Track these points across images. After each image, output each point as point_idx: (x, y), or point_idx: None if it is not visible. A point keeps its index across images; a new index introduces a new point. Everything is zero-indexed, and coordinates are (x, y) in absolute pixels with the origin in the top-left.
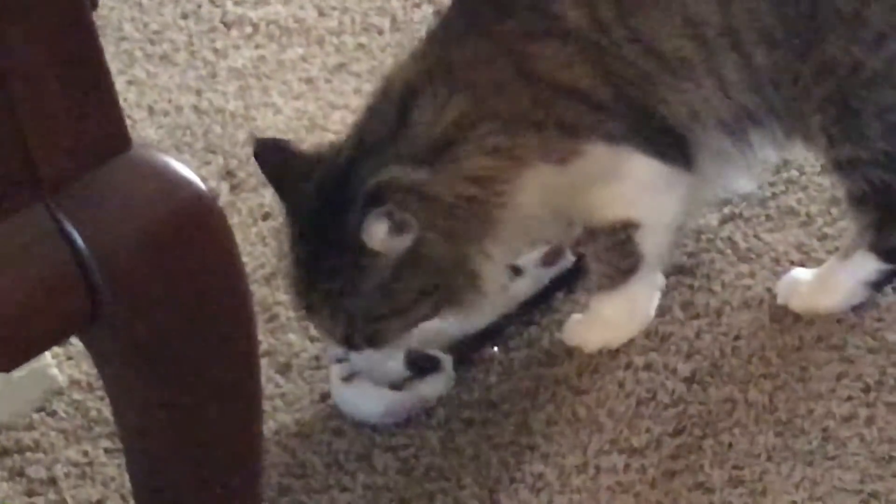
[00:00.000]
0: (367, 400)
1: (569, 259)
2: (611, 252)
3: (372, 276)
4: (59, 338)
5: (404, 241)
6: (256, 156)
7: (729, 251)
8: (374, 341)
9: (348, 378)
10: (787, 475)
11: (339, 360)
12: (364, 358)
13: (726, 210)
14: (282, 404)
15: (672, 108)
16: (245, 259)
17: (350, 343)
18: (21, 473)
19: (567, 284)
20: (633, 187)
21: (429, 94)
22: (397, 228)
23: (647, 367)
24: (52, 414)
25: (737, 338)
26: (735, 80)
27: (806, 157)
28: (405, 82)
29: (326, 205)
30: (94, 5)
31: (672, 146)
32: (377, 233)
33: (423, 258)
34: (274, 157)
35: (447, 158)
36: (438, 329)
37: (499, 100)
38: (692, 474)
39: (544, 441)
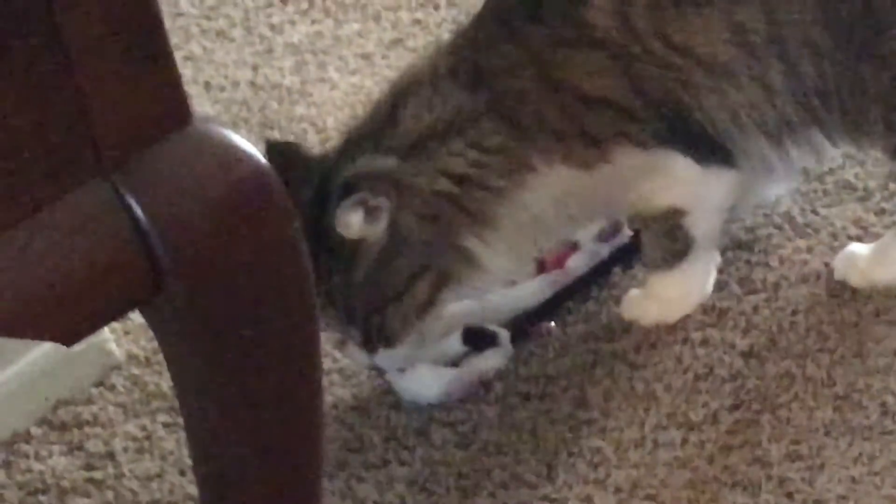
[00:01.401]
0: (425, 384)
1: (626, 234)
2: (662, 237)
3: (360, 266)
4: (120, 311)
5: (381, 225)
6: (269, 160)
7: (787, 226)
8: (385, 339)
9: (402, 368)
10: (845, 450)
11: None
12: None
13: None
14: (339, 379)
15: (711, 114)
16: None
17: (368, 345)
18: (80, 447)
19: (625, 259)
20: (674, 182)
21: (425, 92)
22: (372, 214)
23: (705, 342)
24: (111, 388)
25: (794, 313)
26: (780, 88)
27: None
28: (412, 80)
29: (315, 205)
30: None
31: (711, 150)
32: (352, 222)
33: (405, 241)
34: (286, 161)
35: (425, 154)
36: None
37: (520, 105)
38: (750, 449)
39: (602, 416)
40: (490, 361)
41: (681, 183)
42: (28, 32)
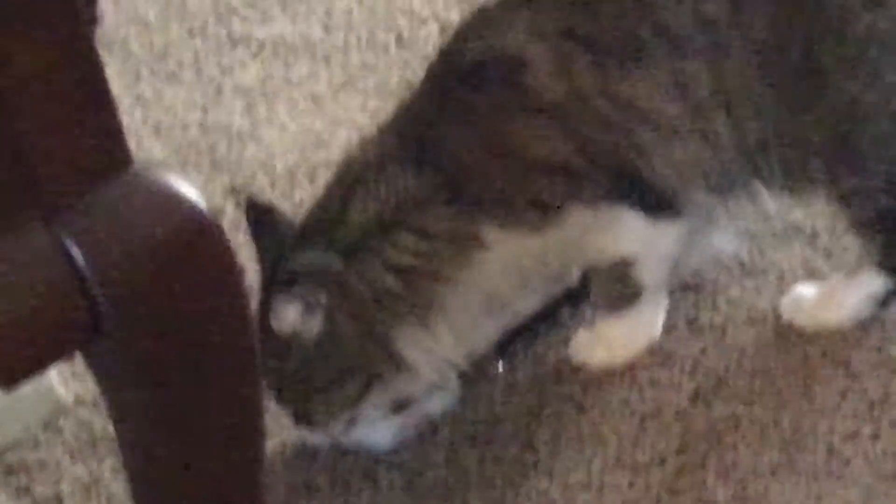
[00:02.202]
0: (373, 435)
1: (574, 275)
2: (612, 283)
3: (292, 355)
4: (60, 354)
5: (316, 321)
6: (246, 215)
7: (734, 268)
8: (310, 423)
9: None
10: (792, 492)
11: None
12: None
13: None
14: (286, 422)
15: (657, 170)
16: (253, 275)
17: (297, 423)
18: (27, 491)
19: (573, 301)
20: (624, 235)
21: (372, 179)
22: (309, 310)
23: (652, 383)
24: (59, 431)
25: (741, 354)
26: (724, 142)
27: None
28: (361, 164)
29: (266, 285)
30: (98, 22)
31: (657, 204)
32: (285, 315)
33: (338, 339)
34: (260, 224)
35: (370, 252)
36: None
37: (467, 179)
38: (697, 491)
39: (549, 458)
40: (437, 404)
41: (630, 235)
42: None
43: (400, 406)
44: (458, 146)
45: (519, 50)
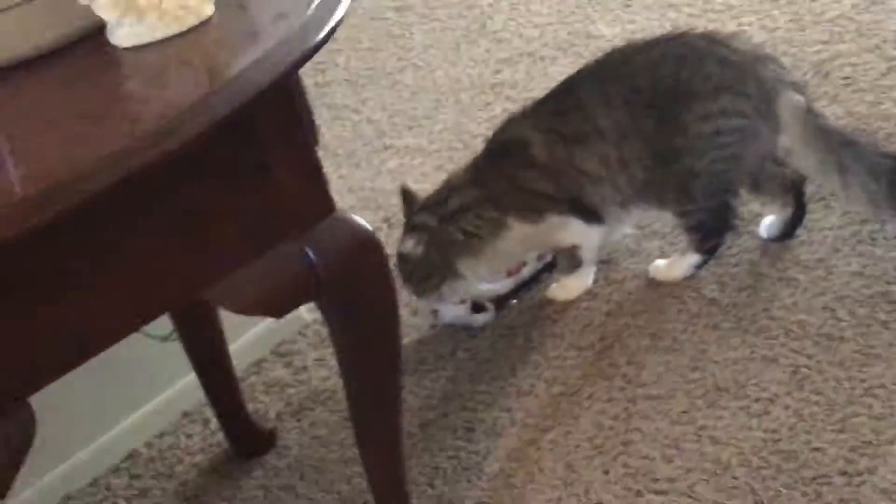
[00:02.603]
0: (448, 315)
1: (549, 256)
2: (567, 258)
3: (412, 263)
4: (304, 300)
5: (420, 249)
6: (402, 196)
7: (626, 250)
8: (423, 294)
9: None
10: (664, 367)
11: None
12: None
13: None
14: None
15: (592, 198)
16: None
17: (416, 293)
18: (304, 369)
19: (550, 269)
20: (574, 232)
21: (460, 190)
22: (417, 242)
23: (588, 308)
24: (305, 335)
25: (632, 294)
26: (623, 184)
27: None
28: (456, 180)
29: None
30: (317, 142)
31: (592, 215)
32: (406, 244)
33: (429, 258)
34: (408, 199)
35: (454, 220)
36: (468, 291)
37: (501, 196)
38: (608, 365)
39: (538, 345)
40: (482, 319)
41: (577, 232)
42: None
43: (461, 300)
44: (497, 181)
45: (526, 137)
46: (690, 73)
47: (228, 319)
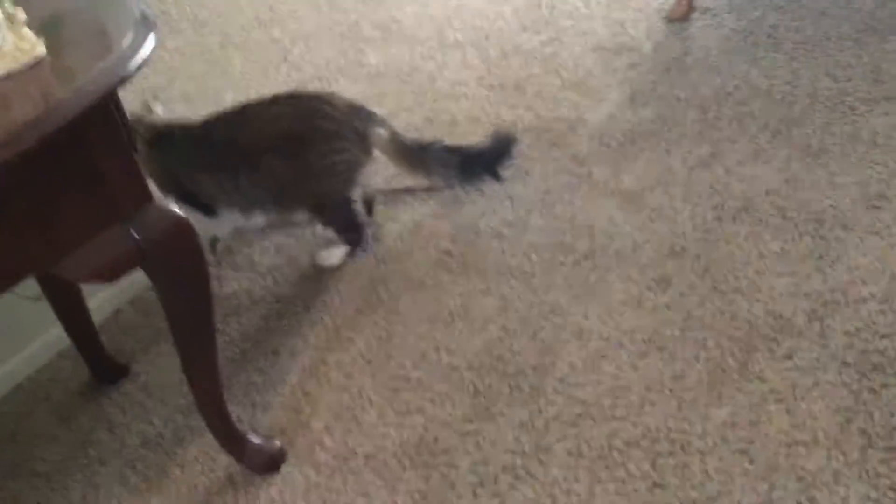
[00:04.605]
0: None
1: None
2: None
3: None
4: (131, 268)
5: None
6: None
7: (387, 218)
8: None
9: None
10: None
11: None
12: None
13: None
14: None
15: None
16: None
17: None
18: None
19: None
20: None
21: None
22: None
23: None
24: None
25: (389, 249)
26: (239, 201)
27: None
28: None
29: None
30: (134, 147)
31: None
32: None
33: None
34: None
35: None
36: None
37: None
38: (382, 293)
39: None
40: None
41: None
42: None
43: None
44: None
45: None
46: (306, 125)
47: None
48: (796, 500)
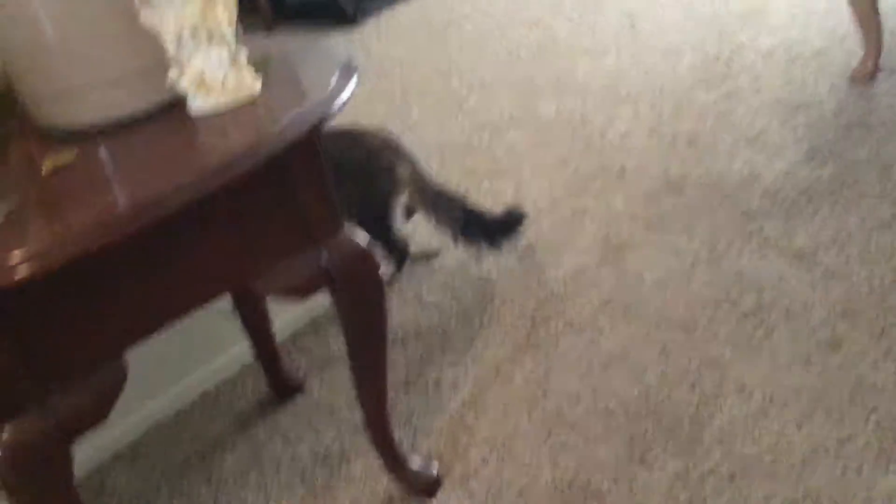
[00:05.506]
0: None
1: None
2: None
3: None
4: (319, 288)
5: None
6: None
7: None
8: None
9: None
10: None
11: None
12: None
13: None
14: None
15: None
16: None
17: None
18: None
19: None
20: None
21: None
22: None
23: (521, 299)
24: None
25: (553, 292)
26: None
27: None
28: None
29: None
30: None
31: None
32: None
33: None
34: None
35: None
36: None
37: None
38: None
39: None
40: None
41: None
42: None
43: None
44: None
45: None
46: (342, 155)
47: (274, 305)
48: None
